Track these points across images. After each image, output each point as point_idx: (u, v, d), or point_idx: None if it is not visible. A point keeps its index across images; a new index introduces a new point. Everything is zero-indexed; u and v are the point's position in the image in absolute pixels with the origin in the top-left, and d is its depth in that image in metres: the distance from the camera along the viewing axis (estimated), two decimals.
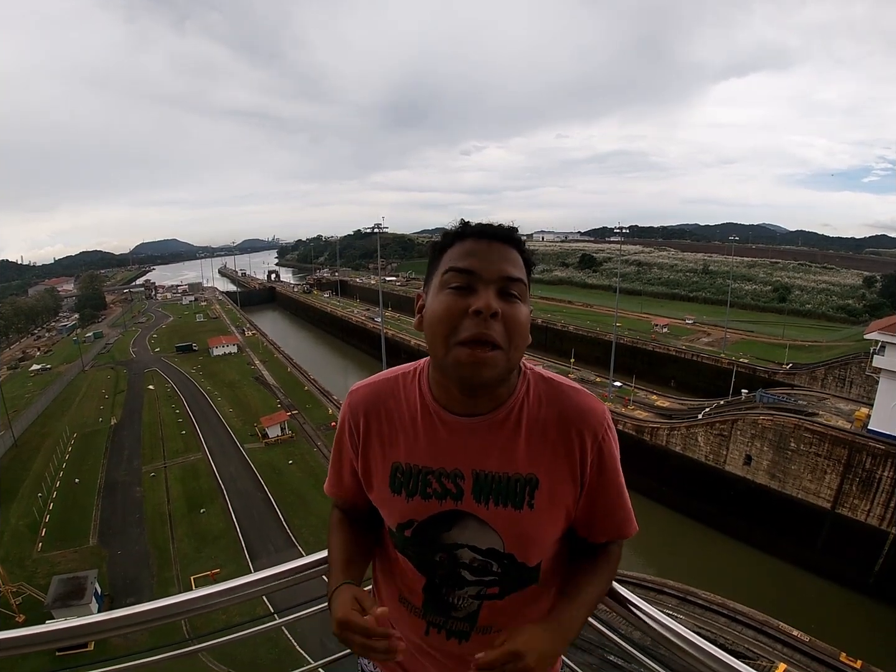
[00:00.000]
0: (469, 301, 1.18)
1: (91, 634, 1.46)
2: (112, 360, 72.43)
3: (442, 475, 1.34)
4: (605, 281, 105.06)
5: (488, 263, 1.22)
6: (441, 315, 1.20)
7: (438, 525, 1.35)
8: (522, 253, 1.30)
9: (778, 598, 25.97)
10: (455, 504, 1.33)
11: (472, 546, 1.34)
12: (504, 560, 1.34)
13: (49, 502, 34.01)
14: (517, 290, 1.23)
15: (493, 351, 1.18)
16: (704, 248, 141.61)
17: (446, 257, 1.27)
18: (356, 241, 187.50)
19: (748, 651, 20.72)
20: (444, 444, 1.34)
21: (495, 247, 1.25)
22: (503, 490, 1.31)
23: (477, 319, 1.16)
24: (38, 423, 49.50)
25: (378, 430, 1.40)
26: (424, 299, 1.32)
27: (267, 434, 41.95)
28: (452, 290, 1.21)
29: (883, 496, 27.38)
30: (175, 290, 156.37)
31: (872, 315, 61.85)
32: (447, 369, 1.25)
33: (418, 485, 1.35)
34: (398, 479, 1.37)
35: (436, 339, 1.22)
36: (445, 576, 1.39)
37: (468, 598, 1.40)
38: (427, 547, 1.37)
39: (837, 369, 45.77)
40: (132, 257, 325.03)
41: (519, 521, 1.30)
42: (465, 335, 1.17)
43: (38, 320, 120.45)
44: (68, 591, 23.87)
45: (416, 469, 1.36)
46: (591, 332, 64.56)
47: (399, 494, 1.37)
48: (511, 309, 1.21)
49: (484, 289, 1.19)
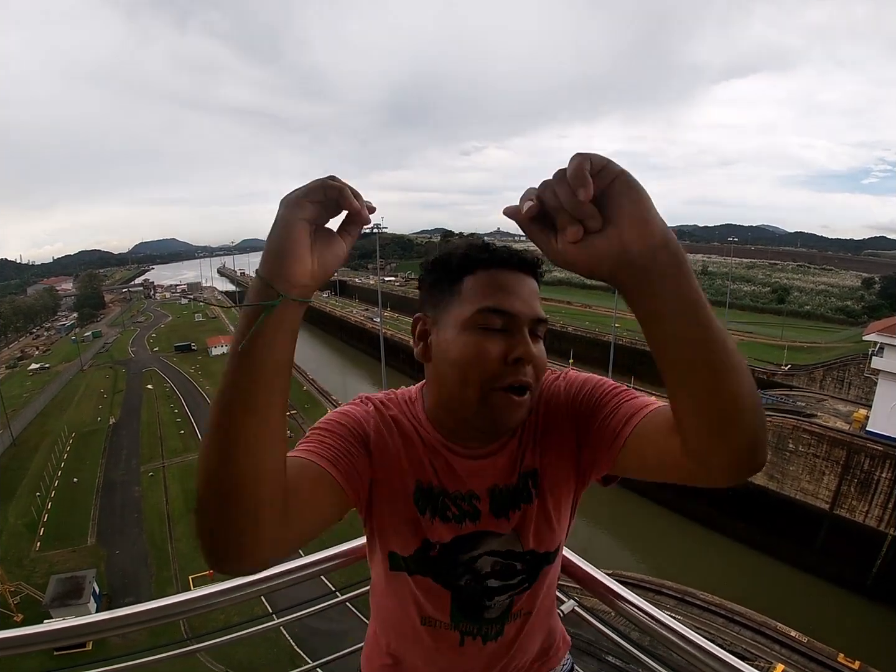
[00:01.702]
0: (506, 345, 1.08)
1: (89, 634, 1.46)
2: (111, 360, 72.51)
3: (458, 497, 1.25)
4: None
5: (523, 304, 1.11)
6: (475, 359, 1.08)
7: (461, 548, 1.26)
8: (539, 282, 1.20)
9: (776, 598, 25.97)
10: (474, 525, 1.25)
11: (493, 551, 1.27)
12: (526, 556, 1.29)
13: (47, 501, 34.01)
14: (542, 330, 1.16)
15: (525, 395, 1.11)
16: (704, 249, 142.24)
17: (470, 287, 1.13)
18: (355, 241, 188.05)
19: (746, 652, 20.73)
20: (455, 470, 1.25)
21: (525, 282, 1.15)
22: (512, 496, 1.26)
23: (516, 366, 1.08)
24: (37, 423, 49.53)
25: (395, 445, 1.24)
26: (429, 325, 1.19)
27: None
28: (486, 332, 1.09)
29: (881, 497, 27.40)
30: (174, 290, 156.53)
31: (871, 316, 61.93)
32: (479, 413, 1.12)
33: (437, 507, 1.24)
34: (423, 498, 1.25)
35: (466, 383, 1.10)
36: (471, 593, 1.30)
37: (495, 610, 1.32)
38: (451, 568, 1.27)
39: (836, 370, 45.76)
40: (131, 256, 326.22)
41: (531, 514, 1.26)
42: (507, 381, 1.08)
43: (37, 319, 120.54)
44: (66, 591, 23.87)
45: (437, 491, 1.24)
46: (590, 332, 64.47)
47: (423, 514, 1.24)
48: (540, 351, 1.13)
49: (520, 332, 1.09)
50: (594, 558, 2.82)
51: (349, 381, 64.43)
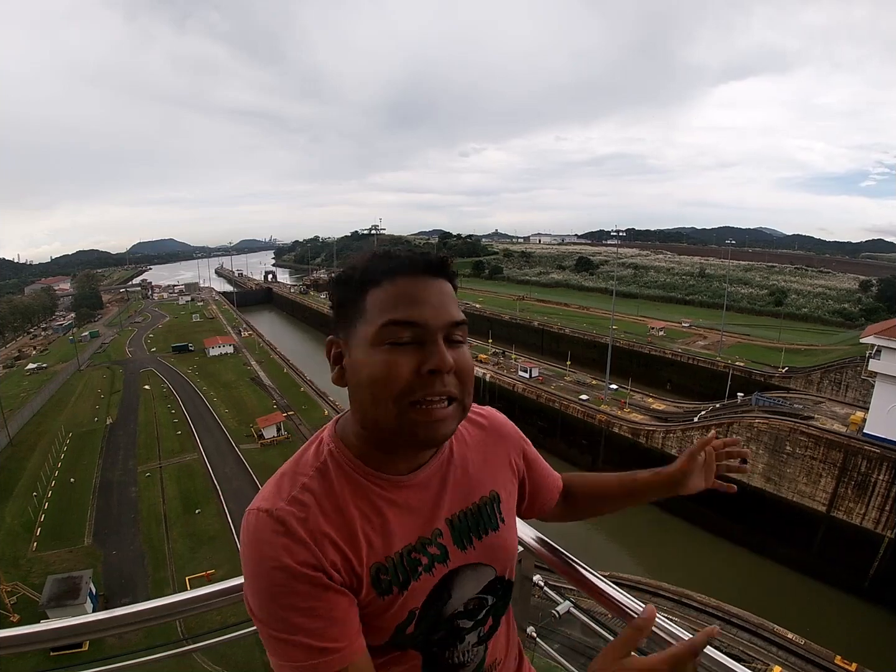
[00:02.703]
0: (417, 357, 1.00)
1: (85, 634, 1.46)
2: (108, 360, 72.24)
3: (424, 543, 1.13)
4: (601, 284, 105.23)
5: (433, 310, 1.03)
6: (385, 377, 0.99)
7: (437, 601, 1.14)
8: (454, 283, 1.13)
9: (773, 600, 26.00)
10: (445, 567, 1.15)
11: (466, 596, 1.20)
12: (497, 585, 1.25)
13: (44, 502, 33.90)
14: (462, 334, 1.08)
15: (448, 405, 1.03)
16: (701, 252, 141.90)
17: (374, 300, 1.04)
18: (353, 243, 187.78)
19: (743, 654, 20.76)
20: (410, 515, 1.14)
21: (434, 286, 1.07)
22: (480, 518, 1.22)
23: (432, 377, 1.00)
24: (34, 422, 49.36)
25: (343, 539, 1.05)
26: (343, 348, 1.10)
27: (263, 435, 41.96)
28: (395, 347, 1.01)
29: (878, 499, 27.45)
30: (172, 290, 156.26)
31: (868, 319, 62.11)
32: (399, 431, 1.03)
33: (406, 571, 1.10)
34: (383, 581, 1.07)
35: (379, 401, 1.01)
36: (444, 640, 1.19)
37: (472, 648, 1.23)
38: (430, 631, 1.15)
39: (833, 373, 45.86)
40: (129, 256, 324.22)
41: (501, 539, 1.26)
42: (419, 395, 1.00)
43: (35, 319, 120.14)
44: (63, 591, 23.80)
45: (398, 556, 1.10)
46: (587, 334, 64.62)
47: (391, 594, 1.07)
48: (460, 357, 1.05)
49: (432, 341, 1.01)
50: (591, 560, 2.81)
51: None
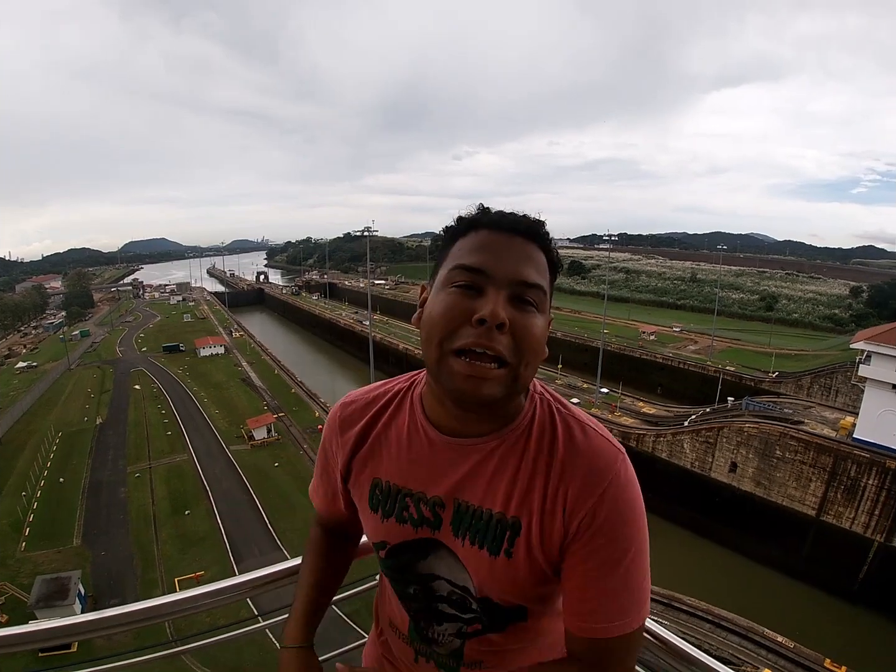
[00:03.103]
0: (475, 305, 0.99)
1: (75, 635, 1.45)
2: (98, 359, 71.87)
3: (421, 500, 1.18)
4: (593, 288, 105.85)
5: (502, 262, 1.02)
6: (439, 317, 1.01)
7: (412, 552, 1.21)
8: (548, 252, 1.09)
9: (763, 604, 26.08)
10: (432, 533, 1.18)
11: (449, 579, 1.20)
12: (480, 600, 1.18)
13: (33, 501, 33.72)
14: (534, 298, 1.03)
15: (497, 367, 0.99)
16: (693, 257, 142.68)
17: (456, 248, 1.08)
18: (345, 244, 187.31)
19: (733, 657, 20.83)
20: (427, 466, 1.18)
21: (515, 242, 1.05)
22: (482, 529, 1.12)
23: (481, 328, 0.97)
24: (23, 422, 49.06)
25: (363, 443, 1.26)
26: (429, 292, 1.11)
27: (253, 436, 41.82)
28: (457, 289, 1.02)
29: (868, 504, 27.60)
30: (163, 290, 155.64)
31: (859, 325, 62.49)
32: (440, 379, 1.04)
33: (395, 506, 1.20)
34: (376, 497, 1.23)
35: (431, 342, 1.02)
36: (422, 609, 1.26)
37: (448, 636, 1.25)
38: (400, 573, 1.26)
39: (823, 378, 46.14)
40: (121, 255, 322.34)
41: (493, 567, 1.12)
42: (461, 343, 0.98)
43: (25, 317, 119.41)
44: (52, 592, 23.66)
45: (395, 489, 1.20)
46: (578, 338, 64.76)
47: (376, 513, 1.23)
48: (524, 319, 1.00)
49: (494, 293, 0.99)
50: None
51: (338, 384, 64.27)
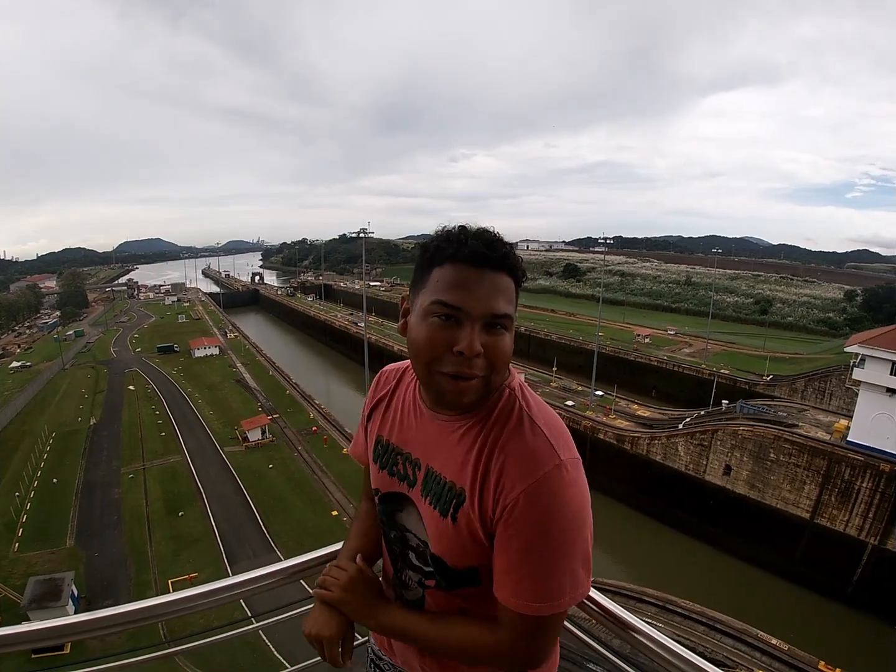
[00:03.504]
0: (454, 335, 1.19)
1: (68, 636, 1.45)
2: (93, 360, 71.67)
3: (407, 459, 1.44)
4: (588, 290, 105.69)
5: (476, 301, 1.19)
6: (424, 344, 1.22)
7: (394, 502, 1.47)
8: (514, 273, 1.26)
9: (757, 606, 26.15)
10: (408, 490, 1.42)
11: (415, 533, 1.42)
12: (434, 557, 1.36)
13: (26, 502, 33.63)
14: (503, 323, 1.22)
15: (473, 381, 1.22)
16: (687, 260, 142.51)
17: (435, 277, 1.24)
18: (341, 246, 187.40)
19: (727, 659, 20.84)
20: (416, 432, 1.43)
21: (487, 277, 1.21)
22: (439, 492, 1.33)
23: (461, 358, 1.18)
24: (17, 422, 48.97)
25: (382, 405, 1.57)
26: (409, 305, 1.33)
27: (247, 437, 41.75)
28: (438, 320, 1.21)
29: (861, 507, 27.68)
30: (158, 290, 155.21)
31: (853, 328, 62.75)
32: (428, 389, 1.34)
33: (388, 461, 1.49)
34: (378, 450, 1.53)
35: (418, 362, 1.26)
36: (399, 555, 1.50)
37: (414, 584, 1.47)
38: (388, 519, 1.50)
39: (817, 381, 46.29)
40: (116, 255, 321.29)
41: (443, 528, 1.31)
42: (446, 370, 1.21)
43: (19, 317, 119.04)
44: (45, 593, 23.55)
45: (392, 447, 1.49)
46: (573, 341, 64.97)
47: (375, 463, 1.53)
48: (495, 342, 1.21)
49: (470, 326, 1.19)
50: None
51: (333, 386, 64.26)
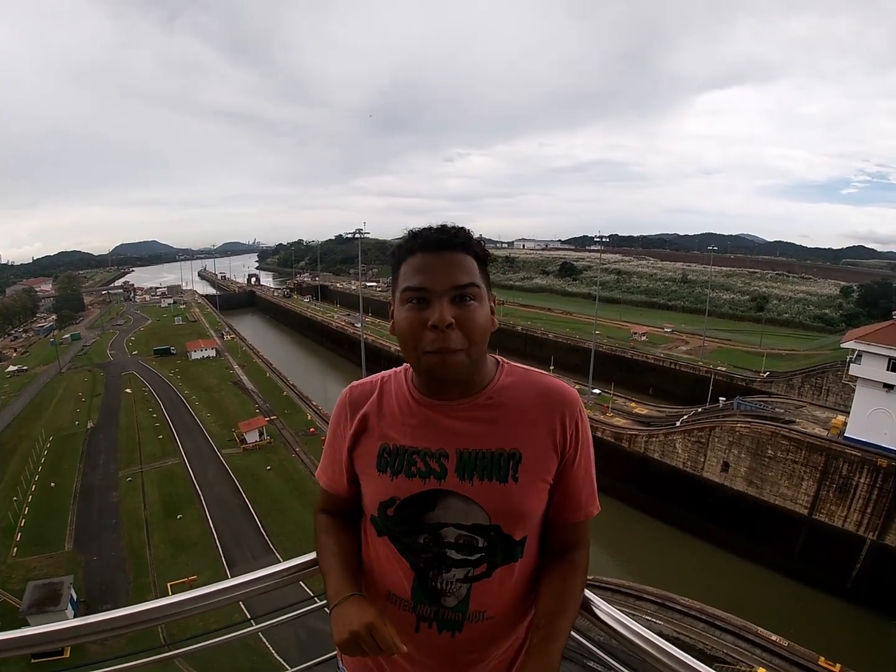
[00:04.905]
0: (426, 315, 1.31)
1: (67, 640, 1.45)
2: (89, 363, 71.52)
3: (427, 455, 1.42)
4: (584, 289, 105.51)
5: (437, 277, 1.33)
6: (405, 330, 1.34)
7: (421, 504, 1.41)
8: (472, 251, 1.40)
9: (756, 603, 26.16)
10: (438, 483, 1.40)
11: (457, 524, 1.40)
12: (490, 532, 1.39)
13: (24, 506, 33.51)
14: (470, 293, 1.35)
15: (455, 354, 1.31)
16: (683, 258, 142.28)
17: (402, 271, 1.39)
18: (337, 246, 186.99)
19: (727, 656, 20.88)
20: (429, 427, 1.44)
21: (444, 258, 1.36)
22: (488, 465, 1.39)
23: (436, 332, 1.29)
24: (14, 426, 48.81)
25: (370, 418, 1.52)
26: (393, 306, 1.43)
27: (245, 439, 41.63)
28: (411, 306, 1.34)
29: (860, 502, 27.74)
30: (154, 293, 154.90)
31: (849, 324, 62.70)
32: (420, 372, 1.44)
33: (403, 464, 1.44)
34: (385, 459, 1.46)
35: (406, 349, 1.37)
36: (431, 559, 1.43)
37: (457, 583, 1.43)
38: (410, 527, 1.43)
39: (814, 377, 46.38)
40: (111, 258, 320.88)
41: (504, 493, 1.38)
42: (428, 348, 1.31)
43: (15, 321, 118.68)
44: (44, 598, 23.49)
45: (403, 449, 1.45)
46: (570, 339, 64.99)
47: (384, 473, 1.45)
48: (466, 312, 1.33)
49: (437, 302, 1.31)
50: None
51: (330, 387, 64.15)
